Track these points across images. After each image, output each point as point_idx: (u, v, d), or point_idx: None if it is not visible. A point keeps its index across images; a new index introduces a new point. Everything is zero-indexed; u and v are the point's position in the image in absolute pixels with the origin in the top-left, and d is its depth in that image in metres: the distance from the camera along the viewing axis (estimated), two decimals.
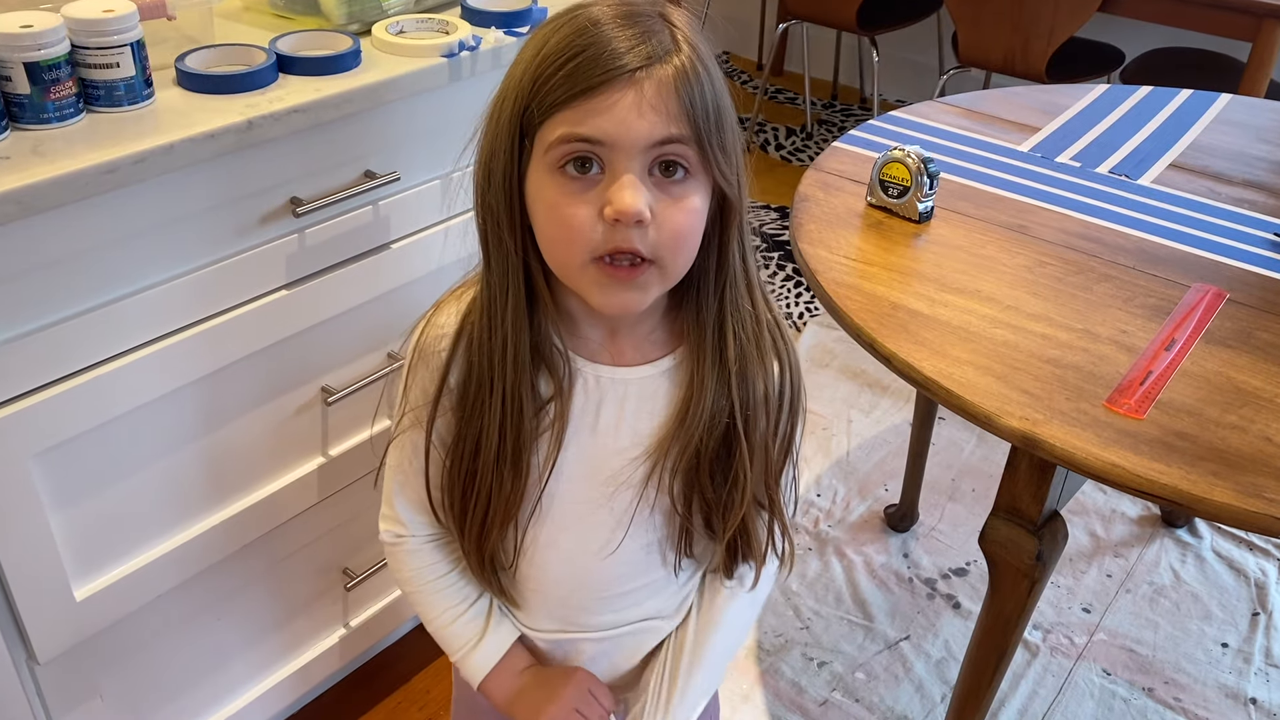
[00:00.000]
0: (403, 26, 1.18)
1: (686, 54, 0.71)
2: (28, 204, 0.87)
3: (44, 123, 0.94)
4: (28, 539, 0.99)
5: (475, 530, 0.85)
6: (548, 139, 0.71)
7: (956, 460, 2.07)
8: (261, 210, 1.06)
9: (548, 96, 0.70)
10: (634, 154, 0.70)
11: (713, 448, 0.81)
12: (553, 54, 0.70)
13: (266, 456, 1.19)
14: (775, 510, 0.87)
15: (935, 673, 1.64)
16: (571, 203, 0.71)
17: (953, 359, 1.03)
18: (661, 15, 0.72)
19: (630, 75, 0.69)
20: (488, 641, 0.92)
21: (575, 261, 0.73)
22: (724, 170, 0.73)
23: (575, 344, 0.82)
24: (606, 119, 0.69)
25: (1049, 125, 1.55)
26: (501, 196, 0.75)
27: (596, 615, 0.90)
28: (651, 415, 0.83)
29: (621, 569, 0.87)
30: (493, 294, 0.78)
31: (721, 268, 0.79)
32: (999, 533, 1.11)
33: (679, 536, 0.87)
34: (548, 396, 0.81)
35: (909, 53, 3.53)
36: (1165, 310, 1.13)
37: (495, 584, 0.90)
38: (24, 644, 1.04)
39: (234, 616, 1.26)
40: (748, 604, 0.94)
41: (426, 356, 0.84)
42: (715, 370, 0.80)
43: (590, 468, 0.84)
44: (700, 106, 0.71)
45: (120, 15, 0.95)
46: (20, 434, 0.95)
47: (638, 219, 0.70)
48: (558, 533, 0.86)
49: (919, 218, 1.27)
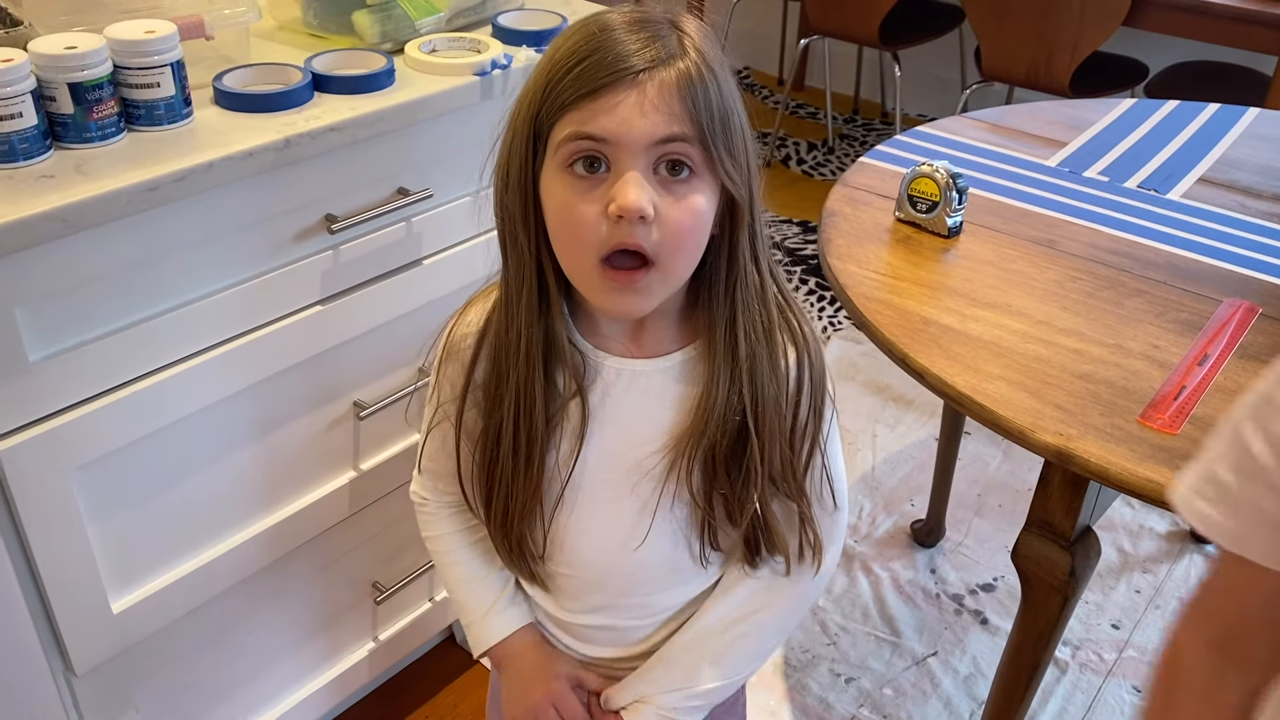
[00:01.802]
0: (435, 45, 1.20)
1: (693, 58, 0.73)
2: (72, 222, 0.88)
3: (86, 142, 0.95)
4: (67, 551, 1.01)
5: (499, 519, 0.88)
6: (557, 139, 0.74)
7: (983, 475, 2.06)
8: (297, 227, 1.08)
9: (558, 98, 0.73)
10: (637, 152, 0.72)
11: (727, 443, 0.83)
12: (563, 58, 0.73)
13: (299, 470, 1.20)
14: (801, 507, 0.87)
15: (963, 689, 1.63)
16: (578, 200, 0.73)
17: (985, 374, 1.03)
18: (672, 23, 0.75)
19: (634, 76, 0.71)
20: (507, 611, 0.96)
21: (584, 263, 0.75)
22: (730, 171, 0.75)
23: (597, 339, 0.84)
24: (610, 117, 0.71)
25: (1076, 140, 1.55)
26: (517, 198, 0.77)
27: (632, 599, 0.92)
28: (670, 406, 0.84)
29: (649, 558, 0.89)
30: (509, 292, 0.81)
31: (732, 268, 0.80)
32: (1032, 548, 1.10)
33: (701, 528, 0.88)
34: (568, 391, 0.83)
35: (931, 67, 3.53)
36: (1197, 325, 1.12)
37: (525, 569, 0.92)
38: (62, 655, 1.05)
39: (266, 629, 1.27)
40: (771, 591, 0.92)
41: (454, 353, 0.88)
42: (728, 367, 0.81)
43: (614, 459, 0.86)
44: (705, 108, 0.73)
45: (161, 36, 0.97)
46: (62, 448, 0.96)
47: (640, 215, 0.72)
48: (587, 522, 0.88)
49: (948, 233, 1.27)
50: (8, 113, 0.89)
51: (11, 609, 0.99)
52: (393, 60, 1.13)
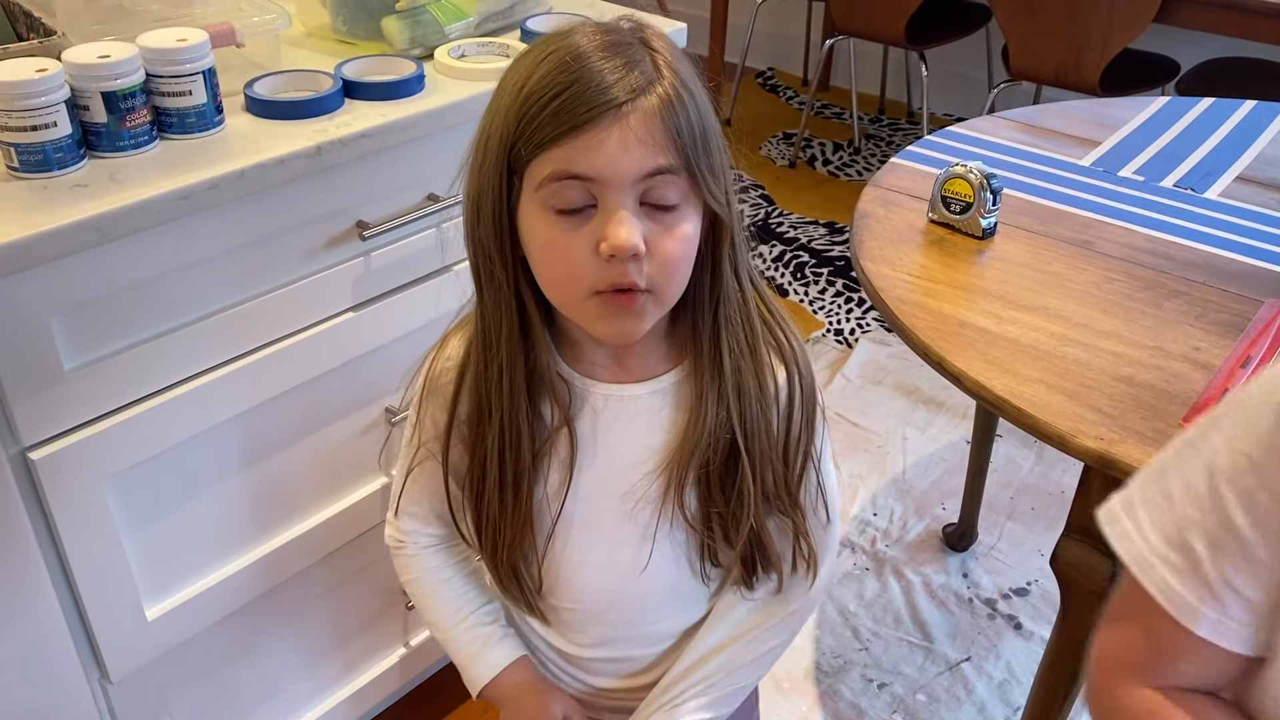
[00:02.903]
0: (464, 51, 1.19)
1: (669, 80, 0.71)
2: (106, 231, 0.88)
3: (120, 150, 0.96)
4: (102, 560, 1.01)
5: (489, 553, 0.87)
6: (538, 177, 0.71)
7: (1015, 478, 2.04)
8: (329, 234, 1.08)
9: (535, 135, 0.70)
10: (625, 188, 0.70)
11: (719, 461, 0.82)
12: (537, 91, 0.70)
13: (332, 476, 1.20)
14: (795, 521, 0.86)
15: (998, 695, 1.61)
16: (566, 240, 0.72)
17: (1023, 378, 1.01)
18: (642, 41, 0.73)
19: (617, 110, 0.69)
20: (498, 646, 0.94)
21: (574, 297, 0.74)
22: (714, 192, 0.74)
23: (581, 367, 0.83)
24: (596, 155, 0.69)
25: (1110, 139, 1.53)
26: (491, 231, 0.75)
27: (638, 628, 0.91)
28: (661, 430, 0.83)
29: (653, 583, 0.88)
30: (486, 326, 0.80)
31: (715, 284, 0.79)
32: (1071, 554, 1.08)
33: (701, 548, 0.87)
34: (554, 421, 0.82)
35: (958, 66, 3.50)
36: (1239, 326, 1.10)
37: (524, 602, 0.90)
38: (98, 663, 1.06)
39: (299, 635, 1.27)
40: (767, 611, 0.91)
41: (435, 390, 0.86)
42: (715, 385, 0.80)
43: (607, 486, 0.84)
44: (687, 133, 0.71)
45: (193, 44, 0.97)
46: (96, 456, 0.96)
47: (634, 253, 0.70)
48: (585, 553, 0.87)
49: (982, 234, 1.25)
50: (42, 122, 0.90)
51: (48, 616, 1.00)
52: (422, 66, 1.13)
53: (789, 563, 0.88)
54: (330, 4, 1.21)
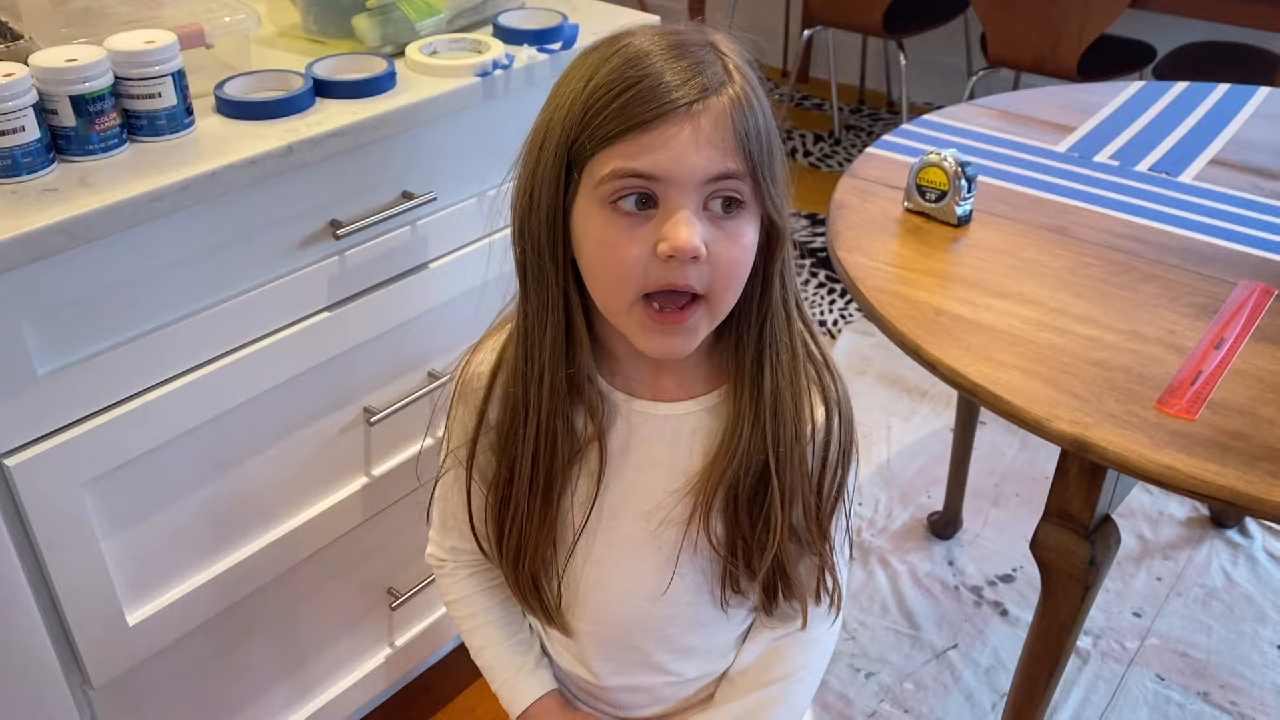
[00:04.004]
0: (436, 47, 1.19)
1: (739, 84, 0.70)
2: (77, 235, 0.88)
3: (89, 154, 0.95)
4: (81, 565, 1.00)
5: (511, 561, 0.85)
6: (598, 173, 0.69)
7: (999, 465, 2.05)
8: (302, 234, 1.07)
9: (600, 129, 0.68)
10: (690, 190, 0.68)
11: (749, 486, 0.80)
12: (604, 85, 0.68)
13: (311, 478, 1.20)
14: (823, 555, 0.85)
15: (985, 681, 1.62)
16: (623, 240, 0.70)
17: (999, 363, 1.02)
18: (711, 44, 0.71)
19: (687, 109, 0.67)
20: (532, 675, 0.93)
21: (623, 301, 0.72)
22: (776, 201, 0.72)
23: (616, 380, 0.81)
24: (662, 154, 0.67)
25: (1085, 124, 1.53)
26: (545, 227, 0.73)
27: (658, 655, 0.89)
28: (693, 452, 0.81)
29: (673, 609, 0.86)
30: (530, 324, 0.77)
31: (765, 298, 0.77)
32: (1051, 538, 1.09)
33: (723, 574, 0.85)
34: (585, 433, 0.80)
35: (937, 55, 3.51)
36: (1213, 309, 1.11)
37: (543, 613, 0.89)
38: (79, 669, 1.05)
39: (282, 637, 1.27)
40: (793, 643, 0.90)
41: (466, 395, 0.84)
42: (753, 405, 0.78)
43: (634, 505, 0.83)
44: (755, 138, 0.69)
45: (162, 46, 0.96)
46: (71, 462, 0.96)
47: (694, 255, 0.68)
48: (605, 572, 0.85)
49: (957, 221, 1.26)
50: (10, 127, 0.89)
51: (27, 623, 0.99)
52: (394, 63, 1.13)
53: (813, 594, 0.86)
54: (300, 3, 1.20)
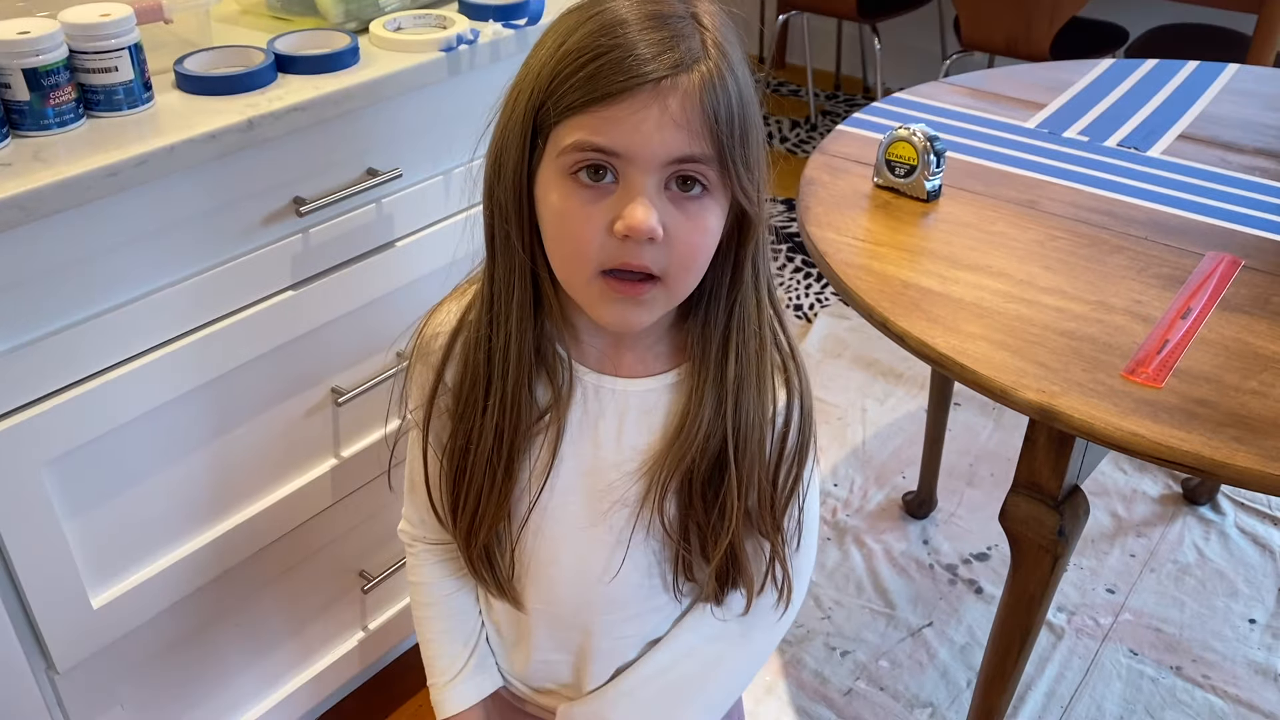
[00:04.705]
0: (400, 23, 1.18)
1: (714, 59, 0.67)
2: (31, 209, 0.86)
3: (44, 129, 0.94)
4: (43, 547, 0.99)
5: (465, 529, 0.84)
6: (561, 142, 0.67)
7: (974, 445, 2.05)
8: (265, 211, 1.06)
9: (565, 97, 0.66)
10: (651, 169, 0.66)
11: (705, 470, 0.78)
12: (574, 51, 0.66)
13: (279, 459, 1.19)
14: (775, 546, 0.84)
15: (960, 658, 1.62)
16: (581, 212, 0.68)
17: (967, 335, 1.02)
18: (693, 16, 0.68)
19: (655, 85, 0.65)
20: (465, 683, 0.92)
21: (580, 275, 0.71)
22: (745, 187, 0.70)
23: (577, 351, 0.80)
24: (625, 130, 0.65)
25: (1055, 101, 1.53)
26: (511, 193, 0.72)
27: (603, 639, 0.88)
28: (649, 430, 0.80)
29: (624, 592, 0.85)
30: (496, 290, 0.76)
31: (735, 284, 0.76)
32: (1019, 509, 1.09)
33: (675, 559, 0.84)
34: (545, 403, 0.79)
35: (911, 39, 3.51)
36: (1180, 279, 1.11)
37: (494, 584, 0.87)
38: (43, 653, 1.04)
39: (253, 621, 1.26)
40: (733, 631, 0.88)
41: (424, 354, 0.83)
42: (714, 389, 0.77)
43: (587, 481, 0.81)
44: (725, 120, 0.67)
45: (117, 19, 0.95)
46: (31, 442, 0.94)
47: (650, 236, 0.67)
48: (558, 550, 0.84)
49: (927, 196, 1.26)
50: None
51: None
52: (357, 39, 1.11)
53: (759, 584, 0.85)
54: None
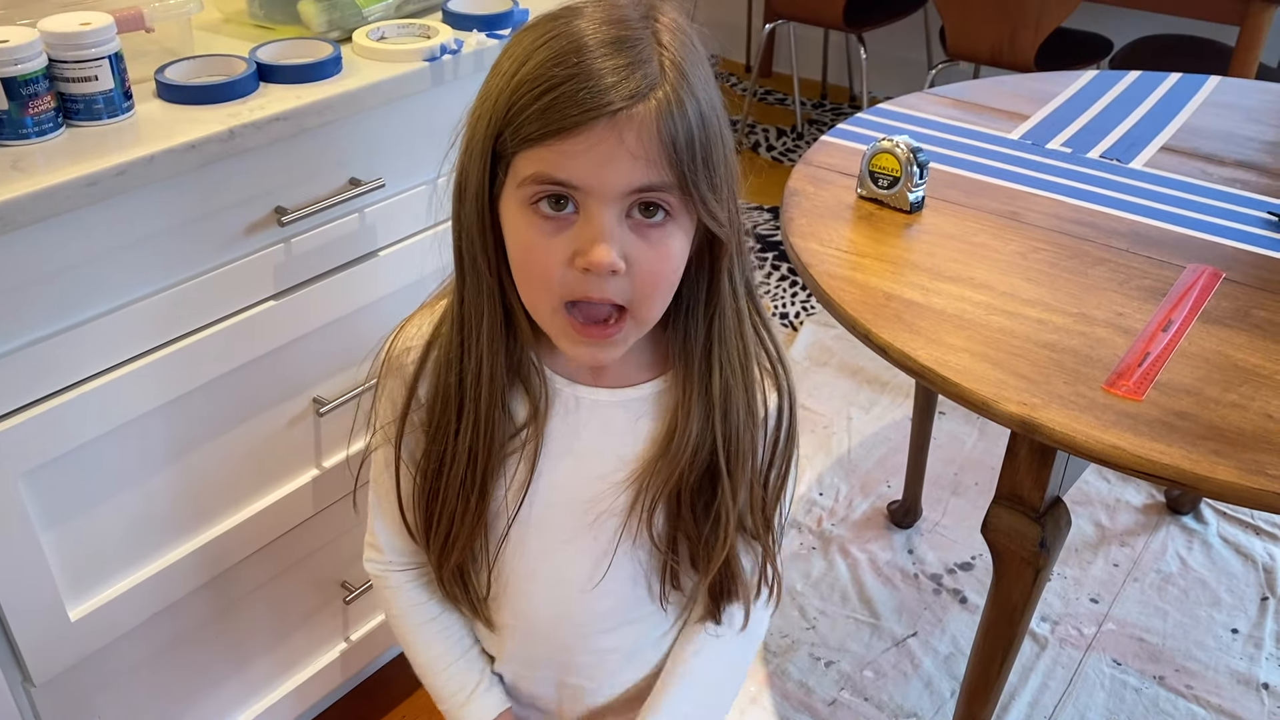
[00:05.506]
0: (384, 32, 1.18)
1: (672, 83, 0.65)
2: (8, 219, 0.86)
3: (23, 138, 0.93)
4: (20, 559, 0.98)
5: (438, 549, 0.83)
6: (520, 173, 0.67)
7: (958, 455, 2.05)
8: (246, 221, 1.05)
9: (522, 128, 0.65)
10: (610, 200, 0.66)
11: (694, 481, 0.78)
12: (529, 80, 0.65)
13: (260, 470, 1.18)
14: (766, 546, 0.83)
15: (944, 668, 1.62)
16: (543, 245, 0.68)
17: (949, 347, 1.02)
18: (653, 34, 0.67)
19: (611, 117, 0.63)
20: (481, 700, 0.90)
21: (545, 305, 0.70)
22: (711, 209, 0.69)
23: (555, 363, 0.79)
24: (583, 164, 0.64)
25: (1038, 112, 1.54)
26: (474, 217, 0.71)
27: (582, 654, 0.87)
28: (635, 440, 0.79)
29: (607, 603, 0.84)
30: (466, 311, 0.75)
31: (712, 297, 0.75)
32: (1001, 521, 1.09)
33: (663, 570, 0.83)
34: (523, 418, 0.78)
35: (897, 49, 3.52)
36: (1161, 292, 1.12)
37: (468, 604, 0.86)
38: (19, 666, 1.03)
39: (234, 632, 1.25)
40: (734, 647, 0.88)
41: (395, 369, 0.82)
42: (701, 400, 0.76)
43: (570, 494, 0.80)
44: (685, 146, 0.66)
45: (97, 28, 0.94)
46: (8, 452, 0.94)
47: (611, 270, 0.67)
48: (537, 564, 0.83)
49: (910, 208, 1.26)
50: None
51: None
52: (340, 48, 1.11)
53: (756, 589, 0.85)
54: None
